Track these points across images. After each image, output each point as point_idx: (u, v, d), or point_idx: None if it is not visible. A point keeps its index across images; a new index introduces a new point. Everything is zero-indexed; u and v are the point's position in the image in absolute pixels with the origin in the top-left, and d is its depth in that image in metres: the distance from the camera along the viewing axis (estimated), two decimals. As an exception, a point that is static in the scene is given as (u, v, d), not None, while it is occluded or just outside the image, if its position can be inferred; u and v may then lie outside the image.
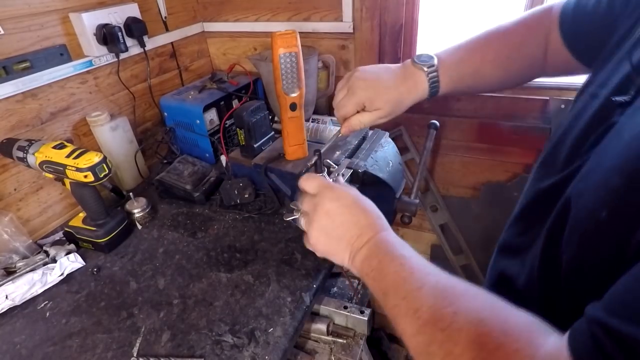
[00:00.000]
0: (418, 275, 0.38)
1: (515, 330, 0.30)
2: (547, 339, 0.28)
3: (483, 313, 0.32)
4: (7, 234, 0.77)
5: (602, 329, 0.25)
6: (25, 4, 0.80)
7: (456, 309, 0.33)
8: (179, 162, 0.98)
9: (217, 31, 1.28)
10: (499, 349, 0.29)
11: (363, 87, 0.61)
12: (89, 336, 0.65)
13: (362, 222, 0.47)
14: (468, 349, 0.30)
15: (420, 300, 0.36)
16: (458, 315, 0.32)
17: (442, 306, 0.34)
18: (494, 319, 0.31)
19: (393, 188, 0.74)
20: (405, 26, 1.07)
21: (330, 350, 0.90)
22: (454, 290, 0.36)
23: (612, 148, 0.34)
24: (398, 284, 0.39)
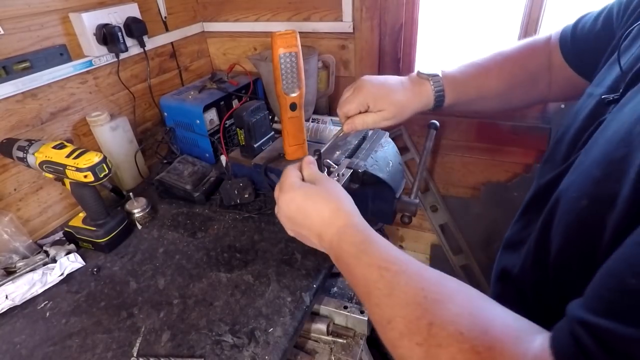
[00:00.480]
0: (387, 278, 0.36)
1: (498, 339, 0.28)
2: (534, 339, 0.27)
3: (461, 323, 0.30)
4: (7, 234, 0.77)
5: (581, 327, 0.25)
6: (25, 4, 0.80)
7: (431, 319, 0.31)
8: (179, 162, 0.98)
9: (217, 31, 1.28)
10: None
11: (369, 87, 0.62)
12: (89, 336, 0.65)
13: (325, 213, 0.46)
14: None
15: (391, 310, 0.34)
16: (434, 326, 0.30)
17: (416, 317, 0.32)
18: (475, 329, 0.29)
19: (393, 188, 0.74)
20: (405, 26, 1.07)
21: (330, 350, 0.90)
22: (425, 294, 0.33)
23: (598, 143, 0.36)
24: (369, 291, 0.37)
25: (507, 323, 0.29)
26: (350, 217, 0.46)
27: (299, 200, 0.49)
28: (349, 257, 0.41)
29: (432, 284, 0.34)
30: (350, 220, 0.45)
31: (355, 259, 0.40)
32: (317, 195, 0.48)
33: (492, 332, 0.28)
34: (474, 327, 0.29)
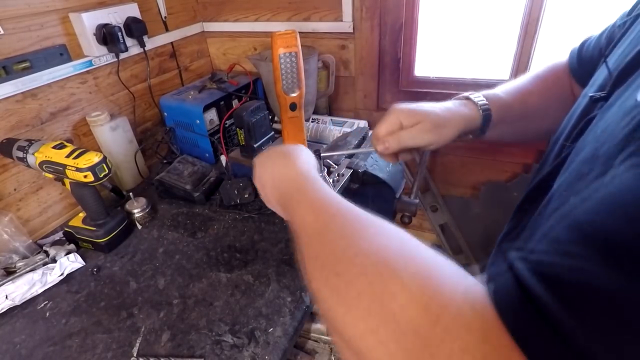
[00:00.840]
0: (323, 218, 0.35)
1: (425, 269, 0.26)
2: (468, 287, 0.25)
3: (389, 252, 0.28)
4: (7, 234, 0.77)
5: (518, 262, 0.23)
6: (25, 4, 0.80)
7: (357, 251, 0.29)
8: (179, 162, 0.98)
9: (217, 31, 1.28)
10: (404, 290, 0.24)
11: (401, 107, 0.55)
12: (89, 336, 0.65)
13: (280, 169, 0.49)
14: (365, 294, 0.26)
15: (320, 245, 0.33)
16: (358, 257, 0.28)
17: (343, 249, 0.30)
18: (402, 257, 0.27)
19: (393, 188, 0.74)
20: (405, 26, 1.07)
21: (330, 350, 0.90)
22: (361, 233, 0.31)
23: (587, 141, 0.35)
24: (304, 230, 0.37)
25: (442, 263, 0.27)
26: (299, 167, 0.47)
27: (263, 161, 0.53)
28: (292, 203, 0.42)
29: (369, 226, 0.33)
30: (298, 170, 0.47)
31: (297, 203, 0.41)
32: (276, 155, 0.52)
33: (419, 261, 0.26)
34: (400, 255, 0.27)
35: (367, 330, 0.25)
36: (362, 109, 1.20)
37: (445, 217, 1.28)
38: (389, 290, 0.25)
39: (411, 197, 0.75)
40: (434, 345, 0.22)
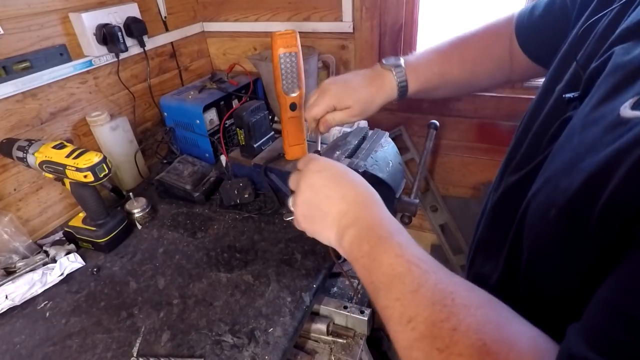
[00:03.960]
0: (416, 273, 0.33)
1: (524, 354, 0.26)
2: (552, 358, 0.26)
3: (487, 333, 0.28)
4: (7, 234, 0.77)
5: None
6: (25, 4, 0.80)
7: (456, 325, 0.29)
8: (179, 162, 0.98)
9: (217, 31, 1.28)
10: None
11: (332, 89, 0.64)
12: (89, 336, 0.65)
13: (349, 196, 0.43)
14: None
15: (415, 308, 0.31)
16: (457, 333, 0.28)
17: (440, 319, 0.29)
18: (500, 341, 0.27)
19: (393, 188, 0.74)
20: (405, 26, 1.07)
21: (330, 350, 0.90)
22: (455, 296, 0.31)
23: (564, 149, 0.35)
24: (392, 282, 0.34)
25: (535, 342, 0.28)
26: (382, 203, 0.43)
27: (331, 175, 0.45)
28: (379, 240, 0.38)
29: (462, 289, 0.32)
30: (382, 206, 0.43)
31: (385, 244, 0.37)
32: (348, 176, 0.45)
33: (516, 349, 0.26)
34: (498, 339, 0.27)
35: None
36: (362, 109, 1.20)
37: (445, 217, 1.28)
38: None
39: (411, 197, 0.75)
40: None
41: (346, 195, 0.43)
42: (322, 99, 0.64)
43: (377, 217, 0.41)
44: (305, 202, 0.45)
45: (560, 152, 0.35)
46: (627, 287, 0.23)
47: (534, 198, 0.36)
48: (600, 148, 0.29)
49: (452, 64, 0.64)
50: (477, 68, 0.65)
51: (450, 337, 0.28)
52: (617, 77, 0.32)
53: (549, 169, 0.36)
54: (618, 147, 0.27)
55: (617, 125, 0.28)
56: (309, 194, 0.45)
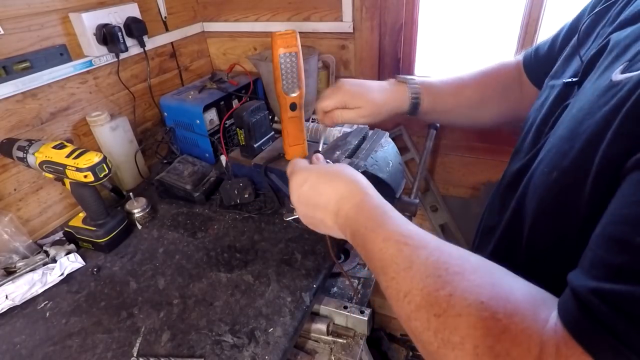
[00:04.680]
0: (407, 252, 0.35)
1: (519, 307, 0.27)
2: (551, 312, 0.27)
3: (483, 293, 0.29)
4: (7, 234, 0.77)
5: (594, 296, 0.24)
6: (25, 4, 0.80)
7: (452, 291, 0.30)
8: (179, 162, 0.98)
9: (217, 31, 1.28)
10: (505, 332, 0.26)
11: (347, 86, 0.65)
12: (89, 336, 0.65)
13: (331, 200, 0.46)
14: (469, 337, 0.27)
15: (410, 283, 0.33)
16: (454, 297, 0.29)
17: (435, 289, 0.31)
18: (496, 297, 0.28)
19: (393, 188, 0.74)
20: (405, 26, 1.07)
21: (330, 350, 0.90)
22: (448, 266, 0.32)
23: (564, 122, 0.38)
24: (385, 264, 0.36)
25: (529, 294, 0.29)
26: (367, 191, 0.45)
27: (313, 179, 0.48)
28: (366, 230, 0.40)
29: (453, 258, 0.33)
30: (367, 194, 0.44)
31: (372, 232, 0.39)
32: (331, 173, 0.48)
33: (513, 301, 0.28)
34: (495, 295, 0.28)
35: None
36: (362, 109, 1.20)
37: (445, 217, 1.28)
38: (491, 334, 0.27)
39: (411, 197, 0.75)
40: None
41: (329, 200, 0.46)
42: (336, 93, 0.65)
43: (362, 207, 0.43)
44: (304, 216, 0.51)
45: (560, 127, 0.38)
46: (615, 218, 0.25)
47: (538, 167, 0.39)
48: (596, 111, 0.32)
49: (465, 87, 0.67)
50: (487, 93, 0.67)
51: (447, 302, 0.29)
52: (613, 54, 0.36)
53: (552, 140, 0.39)
54: (610, 107, 0.30)
55: (610, 88, 0.32)
56: (302, 209, 0.50)
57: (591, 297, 0.24)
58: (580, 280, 0.26)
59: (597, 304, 0.23)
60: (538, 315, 0.27)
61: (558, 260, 0.29)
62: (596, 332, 0.23)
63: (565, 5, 0.94)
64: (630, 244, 0.23)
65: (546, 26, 0.95)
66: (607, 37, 0.39)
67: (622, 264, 0.24)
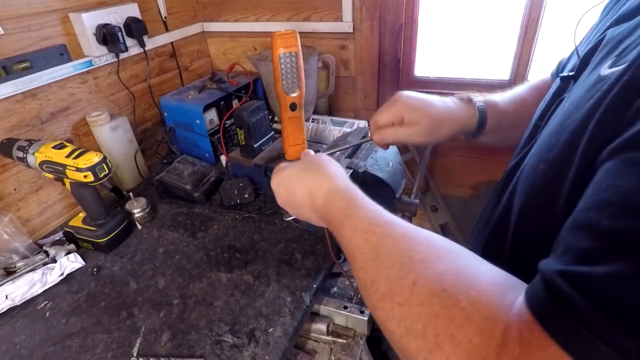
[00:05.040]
0: (372, 241, 0.35)
1: (484, 294, 0.27)
2: (517, 298, 0.27)
3: (446, 280, 0.29)
4: (7, 234, 0.77)
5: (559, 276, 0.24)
6: (25, 4, 0.80)
7: (415, 279, 0.30)
8: (179, 162, 0.98)
9: (217, 31, 1.28)
10: (468, 319, 0.26)
11: (405, 98, 0.57)
12: (89, 336, 0.65)
13: (303, 198, 0.47)
14: (431, 326, 0.27)
15: (376, 272, 0.33)
16: (417, 285, 0.29)
17: (399, 277, 0.31)
18: (460, 284, 0.28)
19: (393, 188, 0.74)
20: (405, 26, 1.07)
21: (330, 350, 0.90)
22: (412, 253, 0.32)
23: (556, 116, 0.39)
24: (353, 255, 0.36)
25: (495, 279, 0.29)
26: (333, 180, 0.45)
27: (285, 179, 0.50)
28: (335, 223, 0.41)
29: (418, 244, 0.33)
30: (333, 184, 0.44)
31: (340, 225, 0.40)
32: (300, 169, 0.49)
33: (477, 288, 0.27)
34: (458, 283, 0.28)
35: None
36: (362, 109, 1.20)
37: (445, 217, 1.28)
38: (453, 322, 0.26)
39: (411, 197, 0.75)
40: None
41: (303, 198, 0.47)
42: (392, 106, 0.57)
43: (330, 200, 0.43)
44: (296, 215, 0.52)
45: (554, 119, 0.39)
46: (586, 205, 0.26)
47: (529, 161, 0.40)
48: (583, 105, 0.33)
49: (526, 103, 0.60)
50: None
51: (411, 291, 0.29)
52: (606, 49, 0.37)
53: (543, 134, 0.40)
54: (595, 100, 0.31)
55: (597, 83, 0.33)
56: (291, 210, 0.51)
57: (557, 279, 0.24)
58: (549, 265, 0.26)
59: (562, 286, 0.23)
60: (503, 301, 0.26)
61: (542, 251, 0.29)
62: (559, 313, 0.23)
63: (565, 5, 0.94)
64: (597, 228, 0.24)
65: (546, 26, 0.95)
66: (604, 32, 0.40)
67: (588, 248, 0.24)
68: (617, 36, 0.36)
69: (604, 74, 0.33)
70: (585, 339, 0.22)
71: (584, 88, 0.35)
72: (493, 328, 0.25)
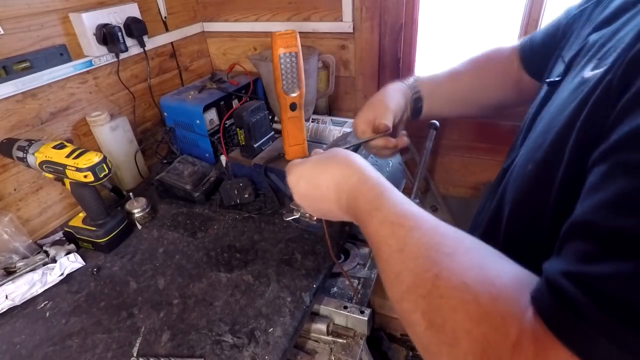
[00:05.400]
0: (400, 234, 0.35)
1: (503, 292, 0.27)
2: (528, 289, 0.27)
3: (469, 275, 0.28)
4: (7, 234, 0.77)
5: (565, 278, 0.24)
6: (25, 4, 0.80)
7: (438, 271, 0.30)
8: (179, 162, 0.98)
9: (217, 31, 1.28)
10: (485, 316, 0.26)
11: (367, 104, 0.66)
12: (89, 336, 0.65)
13: (336, 175, 0.45)
14: (449, 320, 0.27)
15: (401, 264, 0.33)
16: (440, 279, 0.29)
17: (424, 269, 0.31)
18: (481, 280, 0.28)
19: (393, 188, 0.74)
20: (405, 26, 1.07)
21: (330, 350, 0.90)
22: (439, 247, 0.32)
23: (543, 119, 0.41)
24: (379, 247, 0.36)
25: (517, 277, 0.28)
26: (362, 171, 0.44)
27: (307, 173, 0.48)
28: (363, 214, 0.40)
29: (447, 239, 0.33)
30: (362, 175, 0.43)
31: (368, 216, 0.39)
32: (325, 161, 0.47)
33: (498, 285, 0.27)
34: (480, 279, 0.28)
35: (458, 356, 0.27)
36: (362, 109, 1.20)
37: (445, 217, 1.28)
38: (470, 317, 0.26)
39: (411, 197, 0.75)
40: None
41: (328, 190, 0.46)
42: (360, 113, 0.64)
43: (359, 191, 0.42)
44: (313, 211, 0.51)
45: (541, 122, 0.41)
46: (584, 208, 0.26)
47: (519, 162, 0.42)
48: (567, 106, 0.34)
49: (460, 79, 0.67)
50: (483, 82, 0.68)
51: (432, 283, 0.29)
52: (589, 54, 0.38)
53: (532, 136, 0.42)
54: (578, 102, 0.32)
55: (580, 85, 0.34)
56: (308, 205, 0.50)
57: (559, 279, 0.24)
58: (552, 266, 0.26)
59: (564, 285, 0.24)
60: (522, 300, 0.26)
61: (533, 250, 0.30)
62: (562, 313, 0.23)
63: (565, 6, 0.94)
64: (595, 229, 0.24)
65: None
66: (587, 38, 0.41)
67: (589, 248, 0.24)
68: (599, 40, 0.38)
69: (587, 76, 0.34)
70: (588, 336, 0.22)
71: (568, 90, 0.37)
72: (509, 327, 0.25)
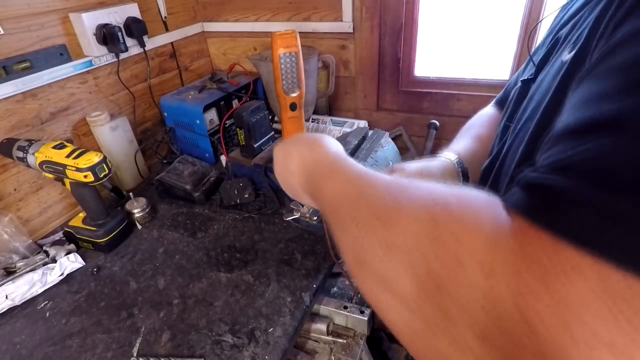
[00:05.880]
0: (358, 183, 0.33)
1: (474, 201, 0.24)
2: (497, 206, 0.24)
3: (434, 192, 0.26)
4: (7, 234, 0.77)
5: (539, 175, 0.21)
6: (25, 4, 0.80)
7: (398, 203, 0.27)
8: (179, 162, 0.98)
9: (217, 31, 1.28)
10: (454, 218, 0.23)
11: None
12: (89, 336, 0.65)
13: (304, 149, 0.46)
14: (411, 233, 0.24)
15: (359, 208, 0.30)
16: (403, 206, 0.26)
17: (384, 204, 0.28)
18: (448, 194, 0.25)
19: (393, 188, 0.74)
20: (405, 26, 1.07)
21: (330, 350, 0.90)
22: (399, 184, 0.29)
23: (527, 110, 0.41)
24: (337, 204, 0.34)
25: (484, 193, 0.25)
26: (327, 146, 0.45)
27: (287, 144, 0.51)
28: (320, 182, 0.39)
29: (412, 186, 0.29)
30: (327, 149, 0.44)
31: (324, 180, 0.38)
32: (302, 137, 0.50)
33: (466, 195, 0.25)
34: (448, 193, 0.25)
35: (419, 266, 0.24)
36: (362, 109, 1.20)
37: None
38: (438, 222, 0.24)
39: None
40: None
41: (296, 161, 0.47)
42: None
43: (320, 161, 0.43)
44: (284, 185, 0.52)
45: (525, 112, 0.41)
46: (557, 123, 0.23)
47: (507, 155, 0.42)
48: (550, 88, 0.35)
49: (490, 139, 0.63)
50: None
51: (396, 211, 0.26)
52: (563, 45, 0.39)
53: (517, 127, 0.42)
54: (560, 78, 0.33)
55: (561, 68, 0.34)
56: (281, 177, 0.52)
57: (537, 176, 0.21)
58: (525, 174, 0.23)
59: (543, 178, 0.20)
60: (494, 204, 0.23)
61: None
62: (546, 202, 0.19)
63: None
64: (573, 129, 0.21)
65: (546, 26, 0.95)
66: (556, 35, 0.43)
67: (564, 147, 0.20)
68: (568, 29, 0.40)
69: (566, 59, 0.35)
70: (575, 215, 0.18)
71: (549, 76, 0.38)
72: (483, 224, 0.22)
